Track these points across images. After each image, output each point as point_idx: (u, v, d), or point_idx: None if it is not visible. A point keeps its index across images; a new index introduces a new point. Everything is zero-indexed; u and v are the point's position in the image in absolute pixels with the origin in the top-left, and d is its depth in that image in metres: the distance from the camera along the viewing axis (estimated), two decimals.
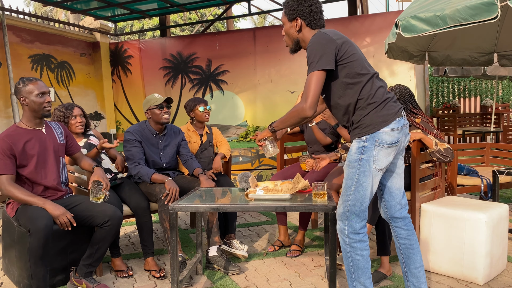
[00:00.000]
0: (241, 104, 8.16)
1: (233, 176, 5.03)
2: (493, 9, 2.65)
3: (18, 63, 6.98)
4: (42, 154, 2.66)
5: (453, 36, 4.67)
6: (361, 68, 2.10)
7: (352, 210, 2.12)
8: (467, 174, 3.80)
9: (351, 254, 2.14)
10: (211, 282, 2.84)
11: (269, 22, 24.88)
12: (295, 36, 2.25)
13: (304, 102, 2.05)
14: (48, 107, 2.66)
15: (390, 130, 2.07)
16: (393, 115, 2.09)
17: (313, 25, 2.20)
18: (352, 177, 2.11)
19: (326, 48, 2.04)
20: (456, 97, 11.25)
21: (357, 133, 2.11)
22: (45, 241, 2.38)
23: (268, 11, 8.93)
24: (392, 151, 2.11)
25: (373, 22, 6.99)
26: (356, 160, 2.09)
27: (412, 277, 2.29)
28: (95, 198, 2.67)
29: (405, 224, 2.29)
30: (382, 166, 2.10)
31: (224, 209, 2.44)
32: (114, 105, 8.88)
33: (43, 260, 2.42)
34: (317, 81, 2.04)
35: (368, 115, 2.08)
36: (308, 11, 2.17)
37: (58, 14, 20.62)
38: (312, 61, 2.06)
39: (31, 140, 2.62)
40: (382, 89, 2.13)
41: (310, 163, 3.53)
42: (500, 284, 2.66)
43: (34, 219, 2.41)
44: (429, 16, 2.97)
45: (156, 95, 3.26)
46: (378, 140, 2.06)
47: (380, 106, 2.08)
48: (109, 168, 3.26)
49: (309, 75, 2.06)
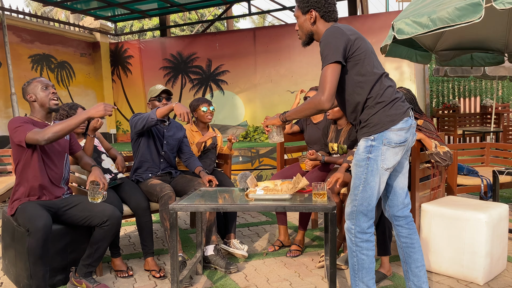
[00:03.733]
0: (241, 104, 8.17)
1: (233, 176, 5.03)
2: (479, 10, 2.70)
3: (18, 63, 6.99)
4: (51, 147, 2.69)
5: (460, 36, 4.67)
6: (372, 67, 2.09)
7: (360, 209, 2.12)
8: (467, 174, 3.80)
9: (356, 253, 2.15)
10: (211, 282, 2.84)
11: (269, 22, 24.87)
12: (309, 29, 2.23)
13: (322, 94, 2.03)
14: (54, 99, 2.71)
15: (398, 130, 2.07)
16: (401, 114, 2.09)
17: (327, 17, 2.18)
18: (360, 176, 2.11)
19: (340, 42, 2.03)
20: (456, 97, 11.25)
21: (365, 132, 2.11)
22: (44, 240, 2.38)
23: (268, 11, 8.93)
24: (399, 151, 2.11)
25: (373, 22, 6.99)
26: (364, 159, 2.09)
27: (413, 276, 2.29)
28: (92, 198, 2.67)
29: (407, 223, 2.29)
30: (390, 166, 2.10)
31: (224, 209, 2.44)
32: (114, 105, 8.89)
33: (42, 260, 2.42)
34: (332, 73, 2.02)
35: (376, 114, 2.08)
36: (322, 2, 2.16)
37: (58, 14, 20.62)
38: (326, 54, 2.03)
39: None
40: (391, 88, 2.13)
41: (310, 163, 3.53)
42: (500, 284, 2.66)
43: (33, 218, 2.41)
44: (421, 18, 3.04)
45: (158, 86, 3.31)
46: (385, 140, 2.06)
47: (389, 106, 2.08)
48: (109, 168, 3.26)
49: (324, 68, 2.04)
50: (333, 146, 3.33)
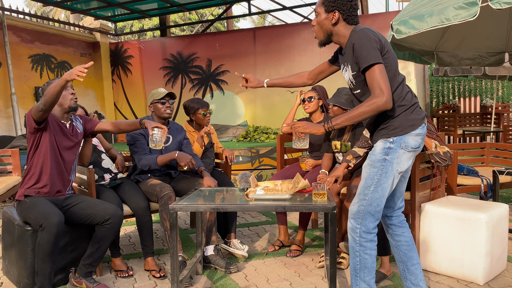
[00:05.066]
0: (241, 104, 8.16)
1: (233, 176, 5.03)
2: (474, 9, 2.74)
3: (18, 63, 6.99)
4: (66, 143, 2.74)
5: (461, 35, 4.67)
6: (395, 70, 2.12)
7: (368, 209, 2.13)
8: (467, 174, 3.80)
9: (359, 253, 2.16)
10: (211, 282, 2.84)
11: (269, 22, 24.87)
12: (329, 29, 2.19)
13: (382, 96, 1.99)
14: (74, 98, 2.78)
15: (416, 135, 2.10)
16: (420, 120, 2.12)
17: (350, 20, 2.17)
18: (373, 176, 2.12)
19: (376, 44, 2.03)
20: (456, 97, 11.26)
21: (384, 134, 2.12)
22: (56, 237, 2.42)
23: (268, 11, 8.93)
24: (413, 156, 2.15)
25: (373, 22, 6.99)
26: (380, 160, 2.11)
27: (410, 274, 2.30)
28: (155, 146, 2.72)
29: (399, 221, 2.33)
30: (403, 169, 2.13)
31: (224, 209, 2.44)
32: (114, 105, 8.89)
33: (51, 257, 2.44)
34: (381, 73, 2.00)
35: (397, 117, 2.09)
36: (348, 6, 2.15)
37: (57, 14, 20.62)
38: (366, 55, 2.01)
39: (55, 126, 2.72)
40: (410, 93, 2.16)
41: (310, 163, 3.53)
42: (500, 284, 2.66)
43: (47, 214, 2.44)
44: (419, 18, 3.07)
45: (161, 89, 3.29)
46: (404, 143, 2.09)
47: (409, 110, 2.10)
48: (109, 168, 3.26)
49: (370, 70, 2.01)
50: (336, 144, 3.32)
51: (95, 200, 2.78)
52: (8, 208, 3.07)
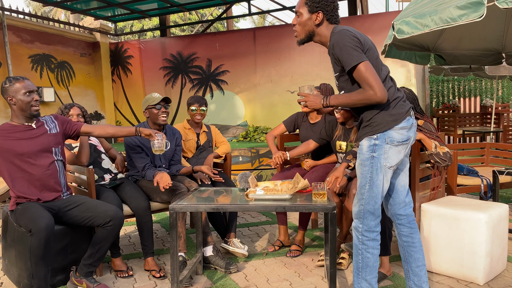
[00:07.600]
0: (241, 104, 8.16)
1: (233, 176, 5.03)
2: (481, 9, 2.68)
3: (18, 63, 6.98)
4: (31, 147, 2.61)
5: (458, 37, 4.67)
6: (377, 67, 2.12)
7: (367, 208, 2.16)
8: (467, 174, 3.80)
9: (362, 251, 2.18)
10: (211, 282, 2.84)
11: (269, 22, 24.88)
12: (312, 29, 2.21)
13: (370, 89, 2.00)
14: (36, 106, 2.62)
15: (400, 129, 2.11)
16: (403, 114, 2.12)
17: (332, 20, 2.20)
18: (365, 175, 2.14)
19: (355, 43, 2.04)
20: (456, 97, 11.25)
21: (368, 131, 2.14)
22: (46, 241, 2.38)
23: (268, 11, 8.93)
24: (402, 149, 2.15)
25: (373, 22, 6.99)
26: (368, 158, 2.13)
27: (413, 275, 2.30)
28: (157, 150, 2.78)
29: (409, 222, 2.31)
30: (393, 164, 2.14)
31: (224, 209, 2.44)
32: (114, 105, 8.88)
33: (44, 260, 2.42)
34: (366, 70, 2.00)
35: (379, 113, 2.11)
36: (331, 7, 2.17)
37: (57, 14, 20.62)
38: (347, 56, 2.02)
39: (20, 133, 2.60)
40: (393, 88, 2.16)
41: (309, 164, 3.53)
42: (500, 284, 2.67)
43: (35, 219, 2.41)
44: (422, 17, 3.04)
45: (155, 94, 3.24)
46: (388, 138, 2.10)
47: (391, 105, 2.11)
48: (109, 168, 3.26)
49: (355, 71, 2.02)
50: (342, 145, 3.31)
51: (95, 201, 2.76)
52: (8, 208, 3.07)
